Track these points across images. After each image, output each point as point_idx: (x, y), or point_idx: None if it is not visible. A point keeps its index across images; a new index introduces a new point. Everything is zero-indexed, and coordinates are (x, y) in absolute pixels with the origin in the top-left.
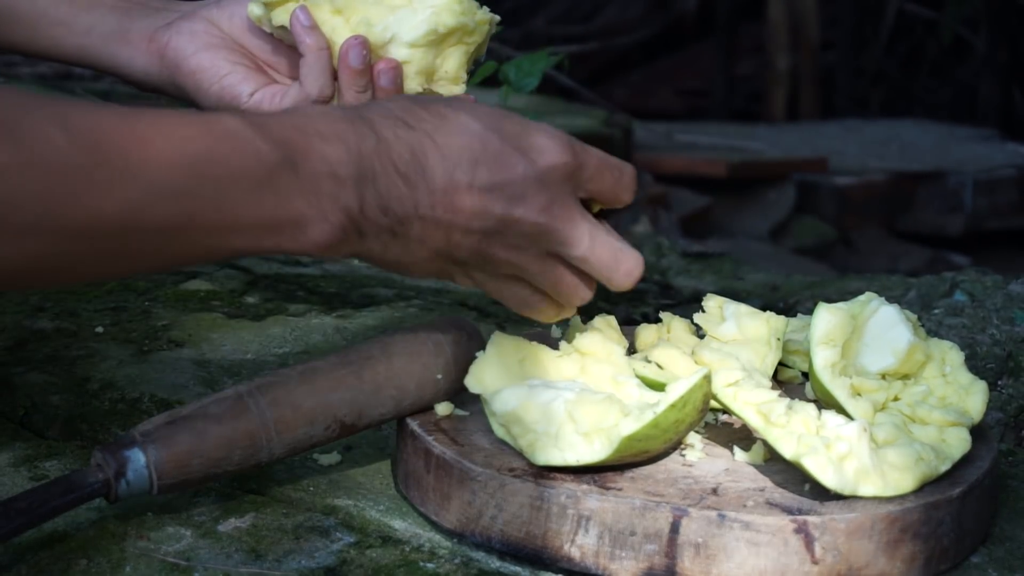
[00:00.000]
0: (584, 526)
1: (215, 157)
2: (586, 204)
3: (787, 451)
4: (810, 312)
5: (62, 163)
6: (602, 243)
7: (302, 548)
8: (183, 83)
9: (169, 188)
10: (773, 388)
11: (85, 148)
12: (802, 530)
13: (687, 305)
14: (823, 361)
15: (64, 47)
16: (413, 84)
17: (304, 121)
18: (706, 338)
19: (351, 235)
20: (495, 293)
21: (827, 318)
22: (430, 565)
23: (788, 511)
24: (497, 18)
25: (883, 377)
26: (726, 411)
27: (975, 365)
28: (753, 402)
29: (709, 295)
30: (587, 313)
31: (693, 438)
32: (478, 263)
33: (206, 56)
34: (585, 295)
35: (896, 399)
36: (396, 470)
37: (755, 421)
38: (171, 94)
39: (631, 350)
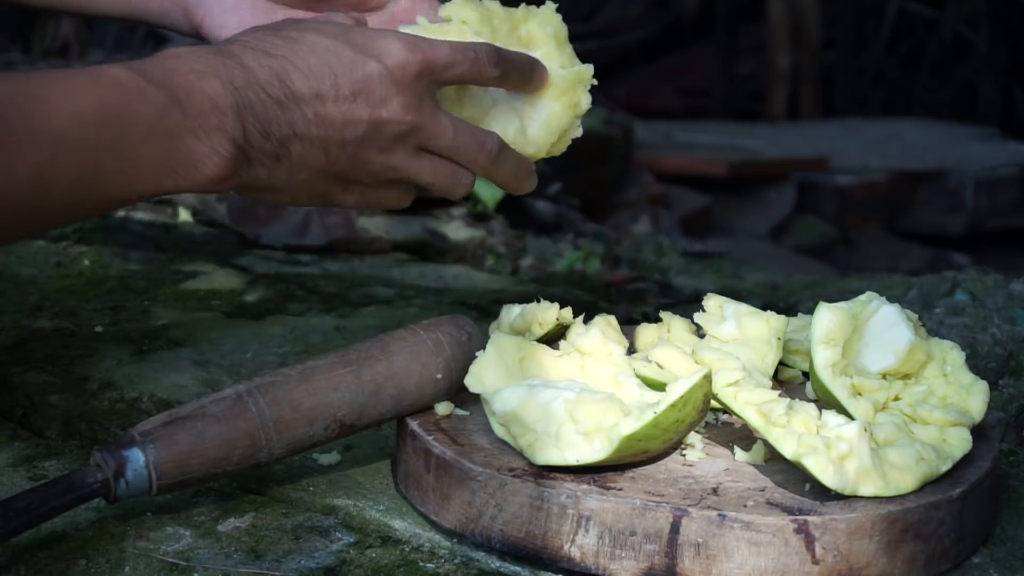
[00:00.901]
0: (584, 526)
1: (108, 107)
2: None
3: (787, 451)
4: (810, 312)
5: None
6: (463, 130)
7: (302, 548)
8: None
9: (73, 141)
10: (773, 388)
11: None
12: (803, 530)
13: (687, 305)
14: (824, 361)
15: (109, 5)
16: None
17: (179, 62)
18: (706, 338)
19: (241, 165)
20: (374, 202)
21: (828, 318)
22: (430, 565)
23: (789, 511)
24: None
25: (884, 377)
26: (726, 411)
27: (976, 365)
28: (753, 402)
29: (709, 295)
30: (588, 313)
31: (693, 438)
32: (357, 174)
33: None
34: (466, 179)
35: (897, 399)
36: (396, 470)
37: (755, 421)
38: None
39: (631, 350)
